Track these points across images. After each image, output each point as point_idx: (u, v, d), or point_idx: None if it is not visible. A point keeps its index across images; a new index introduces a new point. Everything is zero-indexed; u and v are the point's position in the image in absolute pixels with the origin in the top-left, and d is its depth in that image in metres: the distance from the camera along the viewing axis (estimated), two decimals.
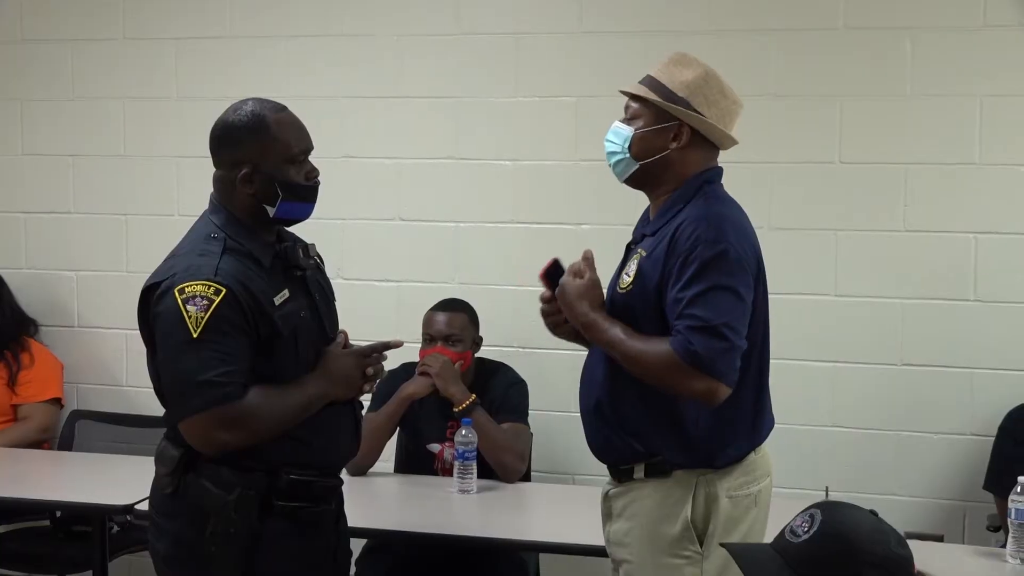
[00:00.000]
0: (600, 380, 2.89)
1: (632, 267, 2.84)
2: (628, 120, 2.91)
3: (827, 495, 3.75)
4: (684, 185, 2.86)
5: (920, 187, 4.36)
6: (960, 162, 4.33)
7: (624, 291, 2.84)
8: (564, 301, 2.89)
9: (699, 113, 2.83)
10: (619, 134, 2.90)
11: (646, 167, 2.87)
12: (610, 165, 2.95)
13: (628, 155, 2.88)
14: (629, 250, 2.98)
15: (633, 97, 2.91)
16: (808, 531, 2.06)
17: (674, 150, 2.85)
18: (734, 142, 2.92)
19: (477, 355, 4.33)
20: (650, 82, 2.89)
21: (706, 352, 2.66)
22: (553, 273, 2.95)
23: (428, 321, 4.29)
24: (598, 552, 3.37)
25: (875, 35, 4.37)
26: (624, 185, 2.98)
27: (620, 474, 2.92)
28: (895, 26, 4.35)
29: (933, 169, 4.35)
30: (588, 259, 2.92)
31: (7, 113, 5.14)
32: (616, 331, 2.80)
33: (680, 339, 2.68)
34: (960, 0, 4.30)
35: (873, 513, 2.11)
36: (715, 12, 4.47)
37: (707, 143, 2.89)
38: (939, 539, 3.91)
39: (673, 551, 2.81)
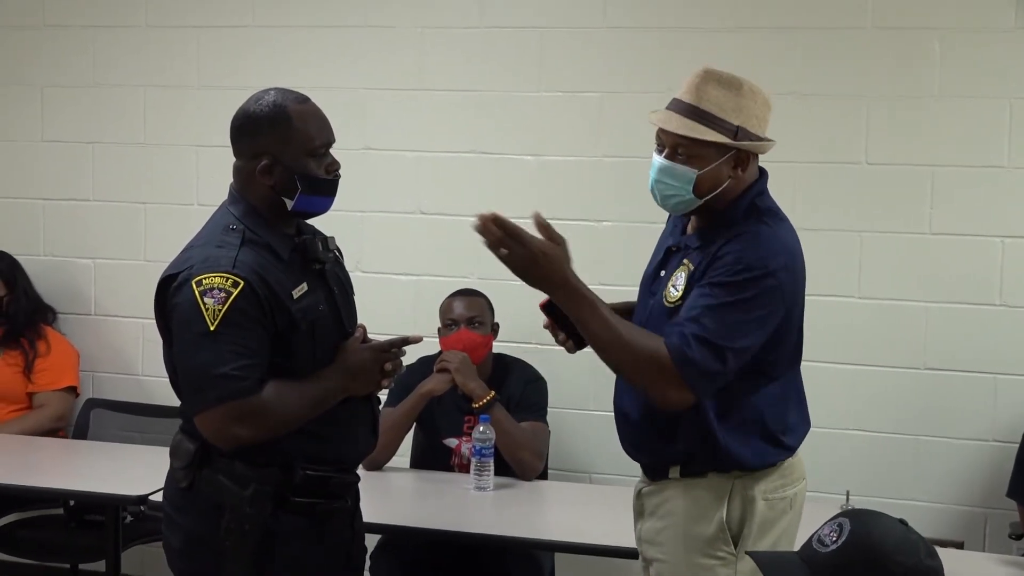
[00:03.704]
0: None
1: (680, 281, 2.75)
2: (684, 160, 2.72)
3: (847, 499, 3.71)
4: (735, 201, 2.75)
5: (947, 189, 4.32)
6: (988, 165, 4.28)
7: (672, 305, 2.74)
8: (539, 259, 2.62)
9: (756, 136, 2.72)
10: (678, 175, 2.72)
11: (709, 200, 2.75)
12: (660, 202, 2.80)
13: (692, 195, 2.74)
14: (669, 254, 2.87)
15: (693, 140, 2.70)
16: (837, 541, 2.03)
17: (735, 177, 2.74)
18: (773, 144, 2.82)
19: (495, 351, 4.31)
20: (693, 112, 2.70)
21: (701, 365, 2.60)
22: (551, 306, 2.82)
23: (447, 308, 4.28)
24: (614, 552, 3.35)
25: (903, 35, 4.33)
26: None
27: (654, 473, 2.88)
28: (923, 26, 4.30)
29: (960, 171, 4.30)
30: (542, 221, 2.71)
31: (27, 99, 5.13)
32: (605, 308, 2.65)
33: (678, 341, 2.60)
34: (990, 1, 4.25)
35: (903, 522, 2.08)
36: (741, 9, 4.43)
37: (754, 156, 2.80)
38: (959, 546, 3.89)
39: (707, 551, 2.77)
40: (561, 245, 2.69)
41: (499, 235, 2.63)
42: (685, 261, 2.78)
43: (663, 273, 2.85)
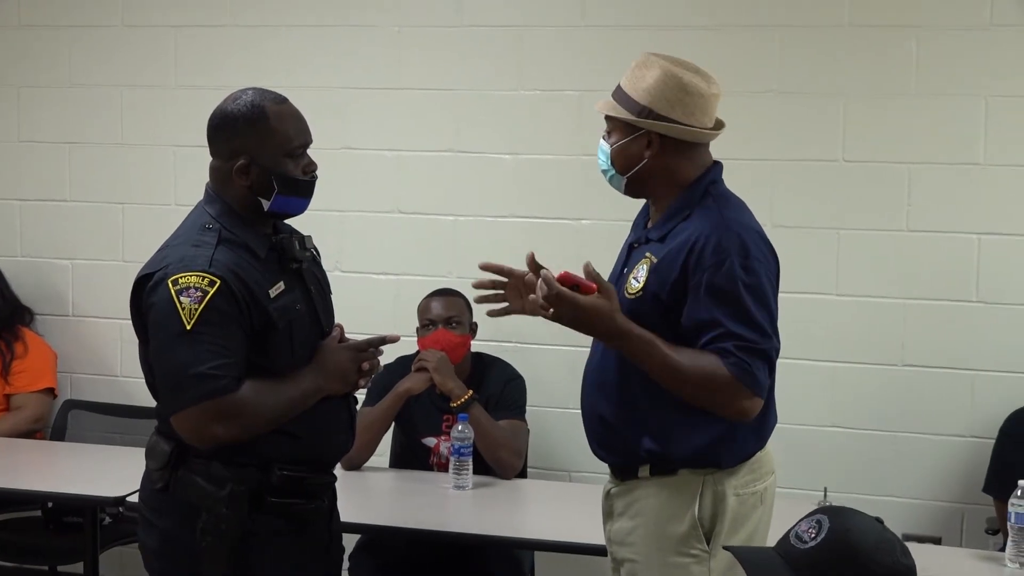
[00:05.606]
0: (608, 382, 2.84)
1: (641, 273, 2.79)
2: (607, 135, 2.89)
3: (825, 495, 3.72)
4: (688, 189, 2.82)
5: (923, 187, 4.33)
6: (964, 162, 4.30)
7: (633, 296, 2.78)
8: (591, 317, 2.67)
9: (665, 118, 2.77)
10: (603, 151, 2.89)
11: (632, 179, 2.85)
12: (605, 176, 2.93)
13: (614, 170, 2.87)
14: (631, 250, 2.93)
15: (607, 115, 2.88)
16: (815, 537, 2.04)
17: (652, 158, 2.81)
18: (715, 133, 2.86)
19: (474, 350, 4.30)
20: (618, 94, 2.86)
21: (760, 374, 2.68)
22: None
23: (425, 308, 4.27)
24: (594, 551, 3.35)
25: (880, 33, 4.34)
26: None
27: (623, 473, 2.88)
28: (901, 24, 4.31)
29: (937, 169, 4.32)
30: (592, 271, 2.73)
31: (4, 99, 5.11)
32: (660, 344, 2.69)
33: (737, 361, 2.66)
34: None
35: (879, 520, 2.09)
36: (719, 7, 4.44)
37: (688, 143, 2.83)
38: (937, 541, 3.89)
39: (680, 550, 2.78)
40: (609, 295, 2.71)
41: (550, 297, 2.66)
42: (647, 254, 2.82)
43: (625, 270, 2.88)
